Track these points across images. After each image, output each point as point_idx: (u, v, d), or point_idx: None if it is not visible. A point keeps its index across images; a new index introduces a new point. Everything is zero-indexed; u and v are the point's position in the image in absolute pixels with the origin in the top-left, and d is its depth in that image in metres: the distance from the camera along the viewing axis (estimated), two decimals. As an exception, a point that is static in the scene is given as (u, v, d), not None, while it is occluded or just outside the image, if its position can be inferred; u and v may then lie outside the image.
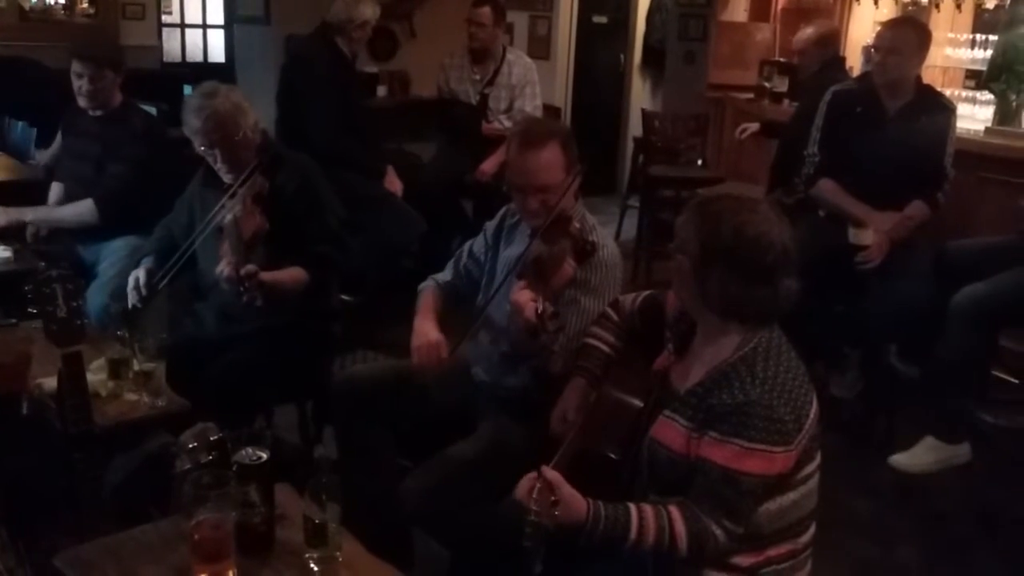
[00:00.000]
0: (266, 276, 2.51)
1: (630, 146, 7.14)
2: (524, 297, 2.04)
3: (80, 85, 3.38)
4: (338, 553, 1.64)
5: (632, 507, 1.67)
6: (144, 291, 2.74)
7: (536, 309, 1.97)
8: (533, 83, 4.92)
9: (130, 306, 2.76)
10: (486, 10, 4.79)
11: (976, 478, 3.23)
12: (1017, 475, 3.28)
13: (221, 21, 8.67)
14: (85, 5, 7.80)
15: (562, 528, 1.62)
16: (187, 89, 6.17)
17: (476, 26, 4.80)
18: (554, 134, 2.27)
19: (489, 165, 4.70)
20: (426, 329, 2.39)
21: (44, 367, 2.20)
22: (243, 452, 1.67)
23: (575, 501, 1.65)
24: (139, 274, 2.78)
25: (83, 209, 3.39)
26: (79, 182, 3.49)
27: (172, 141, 3.51)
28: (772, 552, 1.74)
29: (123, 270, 3.11)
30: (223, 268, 2.50)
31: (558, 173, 2.23)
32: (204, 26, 9.10)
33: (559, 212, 2.20)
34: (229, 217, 2.57)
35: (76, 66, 3.37)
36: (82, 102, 3.42)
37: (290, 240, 2.69)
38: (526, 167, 2.24)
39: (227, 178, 2.73)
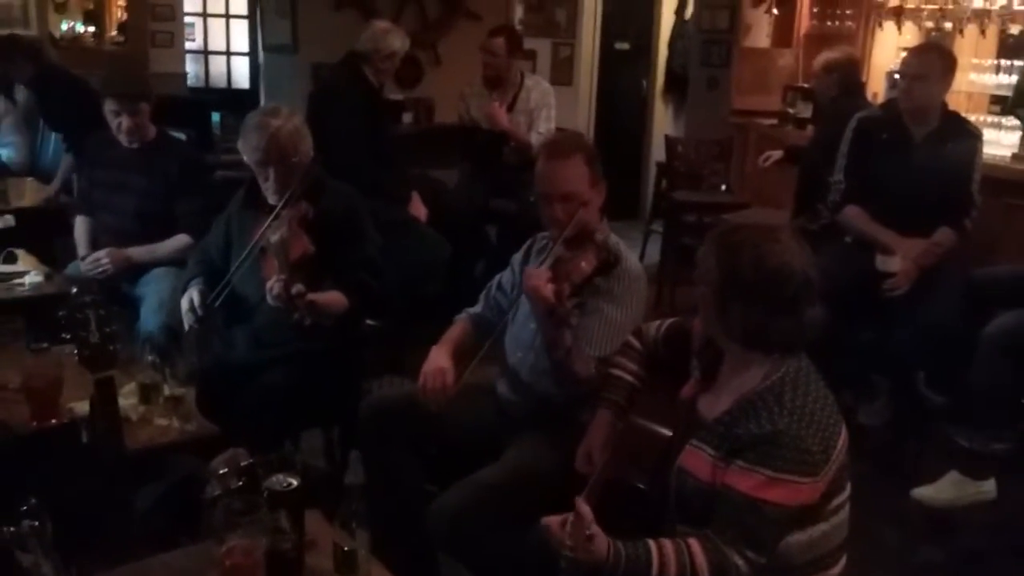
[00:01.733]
0: (315, 297, 2.54)
1: (653, 171, 7.13)
2: (540, 278, 2.13)
3: (119, 123, 3.36)
4: (367, 580, 1.64)
5: (652, 543, 1.66)
6: (200, 311, 2.77)
7: (552, 288, 2.08)
8: (549, 106, 4.94)
9: (187, 328, 2.80)
10: (500, 40, 4.83)
11: (1006, 512, 3.18)
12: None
13: (245, 48, 8.81)
14: (114, 33, 7.95)
15: (585, 570, 1.61)
16: (215, 116, 6.28)
17: (489, 55, 4.83)
18: (580, 148, 2.37)
19: (499, 112, 4.74)
20: (437, 356, 2.45)
21: (76, 392, 2.22)
22: (274, 478, 1.68)
23: (597, 540, 1.64)
24: (193, 295, 2.80)
25: (180, 244, 3.38)
26: (119, 214, 3.47)
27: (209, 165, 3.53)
28: (803, 584, 1.72)
29: (173, 291, 3.13)
30: (273, 285, 2.53)
31: (582, 184, 2.32)
32: (228, 53, 9.26)
33: (584, 225, 2.29)
34: (276, 237, 2.60)
35: (111, 104, 3.35)
36: (124, 140, 3.40)
37: (330, 265, 2.72)
38: (552, 175, 2.34)
39: (273, 199, 2.76)
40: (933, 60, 3.53)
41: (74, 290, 2.84)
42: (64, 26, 7.76)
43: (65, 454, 1.95)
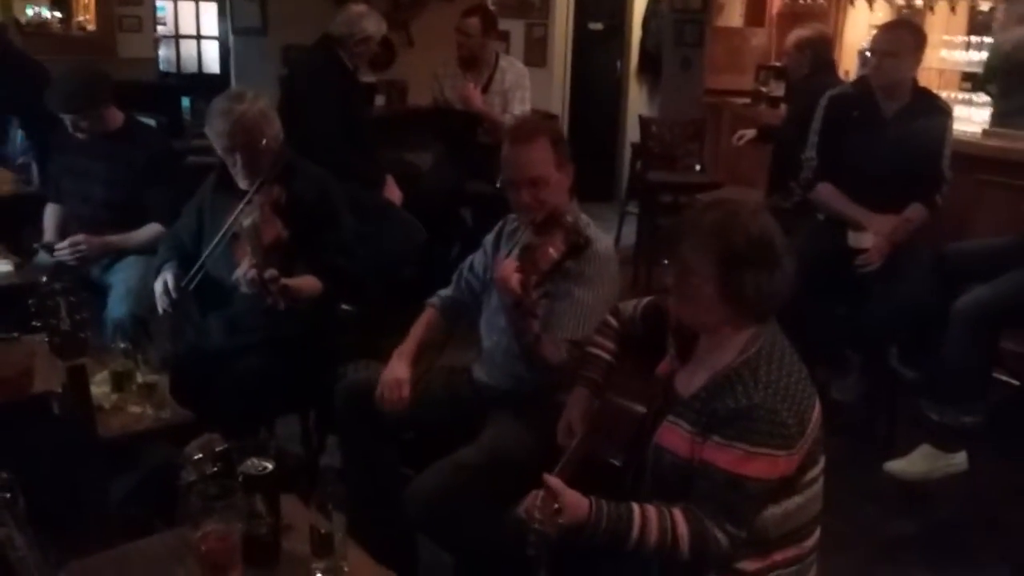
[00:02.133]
0: (288, 282, 2.53)
1: (628, 152, 7.15)
2: (507, 268, 2.12)
3: (76, 130, 3.35)
4: (344, 563, 1.64)
5: (635, 506, 1.69)
6: (175, 294, 2.74)
7: (519, 279, 2.07)
8: (524, 88, 4.92)
9: (161, 311, 2.78)
10: (474, 20, 4.81)
11: (977, 484, 3.23)
12: (1017, 482, 3.28)
13: (215, 32, 8.70)
14: (82, 18, 7.82)
15: (566, 530, 1.63)
16: (185, 101, 6.21)
17: (463, 36, 4.81)
18: (543, 131, 2.34)
19: (473, 92, 4.73)
20: (396, 366, 2.46)
21: (48, 380, 2.20)
22: (249, 463, 1.67)
23: (576, 501, 1.67)
24: (167, 278, 2.78)
25: (154, 232, 3.34)
26: (87, 203, 3.44)
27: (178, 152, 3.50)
28: (778, 556, 1.74)
29: (141, 279, 3.12)
30: (246, 270, 2.51)
31: (548, 167, 2.29)
32: (198, 37, 9.13)
33: (552, 208, 2.27)
34: (248, 222, 2.58)
35: (65, 118, 3.34)
36: (84, 137, 3.38)
37: (303, 250, 2.70)
38: (517, 160, 2.32)
39: (243, 184, 2.74)
40: (904, 37, 3.55)
41: (43, 278, 2.82)
42: (30, 11, 7.63)
43: (36, 429, 1.93)
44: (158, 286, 2.79)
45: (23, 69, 4.93)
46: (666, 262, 1.81)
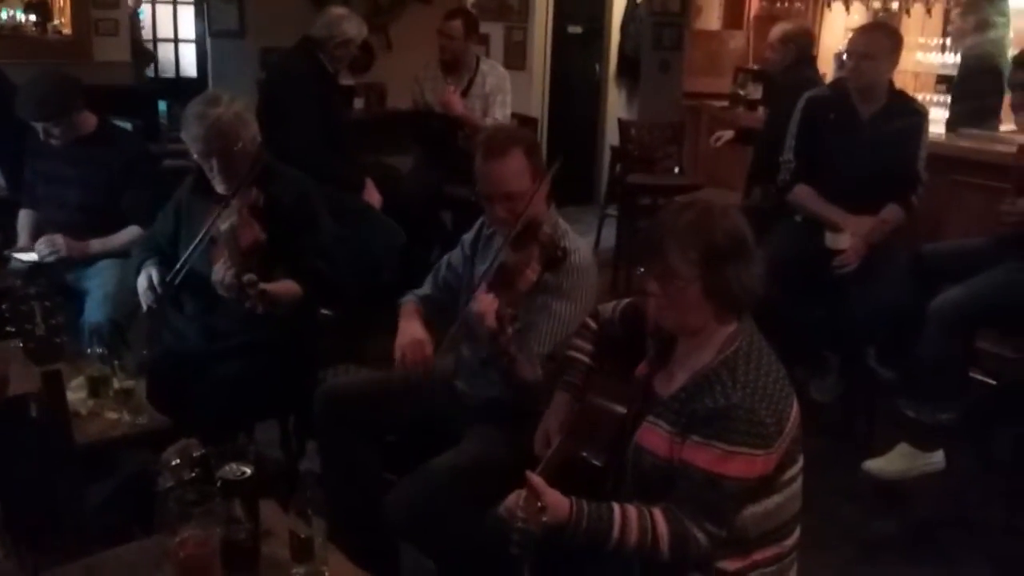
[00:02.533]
0: (267, 286, 2.51)
1: (607, 155, 7.16)
2: (485, 304, 2.07)
3: (48, 137, 3.31)
4: (325, 568, 1.63)
5: (616, 506, 1.70)
6: (160, 290, 2.71)
7: (496, 314, 2.03)
8: (505, 92, 4.93)
9: (145, 308, 2.76)
10: (457, 23, 4.81)
11: (955, 483, 3.26)
12: (993, 481, 3.31)
13: (192, 35, 8.65)
14: (57, 22, 7.75)
15: (548, 529, 1.63)
16: (162, 105, 6.17)
17: (446, 38, 4.81)
18: (518, 141, 2.27)
19: (454, 98, 4.71)
20: (411, 328, 2.41)
21: (22, 387, 2.17)
22: (227, 468, 1.66)
23: (558, 501, 1.67)
24: (152, 273, 2.74)
25: (133, 235, 3.32)
26: (62, 208, 3.40)
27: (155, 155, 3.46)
28: (758, 556, 1.75)
29: (119, 283, 3.08)
30: (223, 275, 2.49)
31: (524, 180, 2.24)
32: (176, 40, 9.09)
33: (529, 219, 2.22)
34: (225, 226, 2.55)
35: (36, 125, 3.30)
36: (57, 143, 3.34)
37: (282, 253, 2.68)
38: (491, 175, 2.26)
39: (220, 188, 2.71)
40: (880, 39, 3.58)
41: (18, 282, 2.79)
42: (4, 15, 7.55)
43: (11, 435, 1.90)
44: (142, 282, 2.75)
45: None
46: (642, 270, 1.81)
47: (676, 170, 6.21)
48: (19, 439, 1.86)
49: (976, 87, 4.69)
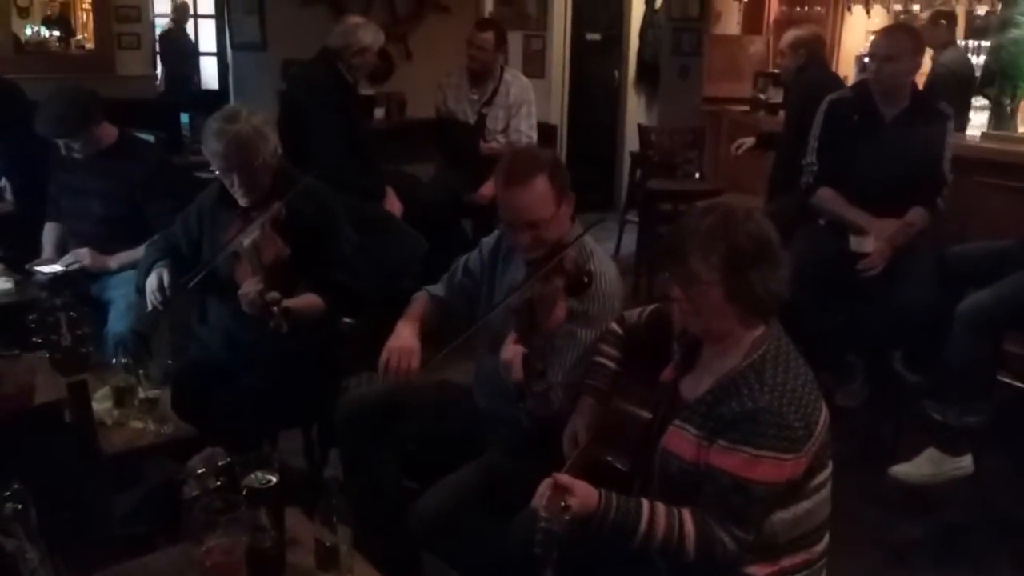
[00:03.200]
0: (290, 303, 2.50)
1: (627, 161, 7.14)
2: (512, 354, 2.01)
3: (70, 151, 3.34)
4: (350, 576, 1.63)
5: (644, 502, 1.70)
6: (168, 292, 2.72)
7: (524, 365, 1.97)
8: (529, 103, 4.93)
9: (150, 308, 2.76)
10: (489, 35, 4.81)
11: (984, 487, 3.22)
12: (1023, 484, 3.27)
13: (214, 48, 8.72)
14: (80, 37, 7.85)
15: (575, 519, 1.62)
16: (184, 117, 6.22)
17: (476, 49, 4.81)
18: (541, 167, 2.18)
19: (488, 188, 4.70)
20: (404, 333, 2.38)
21: (49, 397, 2.19)
22: (252, 476, 1.66)
23: (587, 491, 1.67)
24: (162, 274, 2.75)
25: None
26: (85, 220, 3.43)
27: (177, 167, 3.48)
28: (787, 562, 1.73)
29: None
30: (248, 291, 2.49)
31: (548, 207, 2.16)
32: (197, 53, 9.18)
33: (554, 245, 2.15)
34: (248, 241, 2.56)
35: (58, 142, 3.34)
36: (80, 156, 3.37)
37: (304, 265, 2.68)
38: (513, 203, 2.18)
39: (243, 201, 2.72)
40: (903, 40, 3.55)
41: (43, 294, 2.82)
42: (29, 30, 7.66)
43: (39, 445, 1.91)
44: (152, 281, 2.75)
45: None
46: (667, 275, 1.79)
47: (696, 175, 6.19)
48: (44, 451, 1.88)
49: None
